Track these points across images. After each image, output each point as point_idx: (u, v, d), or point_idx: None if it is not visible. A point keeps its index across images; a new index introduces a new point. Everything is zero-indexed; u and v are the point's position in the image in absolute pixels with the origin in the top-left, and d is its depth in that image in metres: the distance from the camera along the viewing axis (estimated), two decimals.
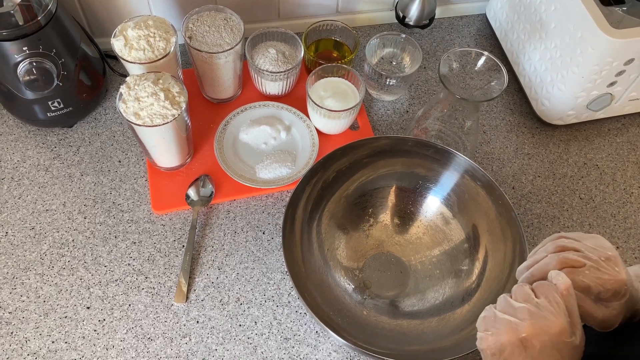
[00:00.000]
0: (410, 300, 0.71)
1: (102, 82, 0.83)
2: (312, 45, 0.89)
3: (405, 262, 0.74)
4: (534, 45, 0.84)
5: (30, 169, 0.79)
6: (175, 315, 0.70)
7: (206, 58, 0.76)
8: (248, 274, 0.73)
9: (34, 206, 0.76)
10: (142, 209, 0.77)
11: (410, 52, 0.87)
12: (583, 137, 0.89)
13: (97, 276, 0.72)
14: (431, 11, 0.92)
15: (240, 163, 0.80)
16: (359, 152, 0.74)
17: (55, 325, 0.68)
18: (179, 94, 0.69)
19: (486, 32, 0.99)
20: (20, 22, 0.68)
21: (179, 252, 0.74)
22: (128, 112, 0.67)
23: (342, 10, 0.94)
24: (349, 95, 0.81)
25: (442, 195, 0.75)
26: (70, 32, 0.75)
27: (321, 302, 0.66)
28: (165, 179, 0.78)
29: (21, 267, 0.71)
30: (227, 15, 0.78)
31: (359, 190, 0.76)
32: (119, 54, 0.72)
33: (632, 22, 0.73)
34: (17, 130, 0.82)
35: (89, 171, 0.79)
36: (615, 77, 0.77)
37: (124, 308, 0.70)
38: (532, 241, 0.78)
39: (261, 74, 0.81)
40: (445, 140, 0.81)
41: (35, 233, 0.74)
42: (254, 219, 0.77)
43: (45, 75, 0.72)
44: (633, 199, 0.84)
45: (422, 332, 0.67)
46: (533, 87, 0.87)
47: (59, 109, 0.77)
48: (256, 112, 0.84)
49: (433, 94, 0.91)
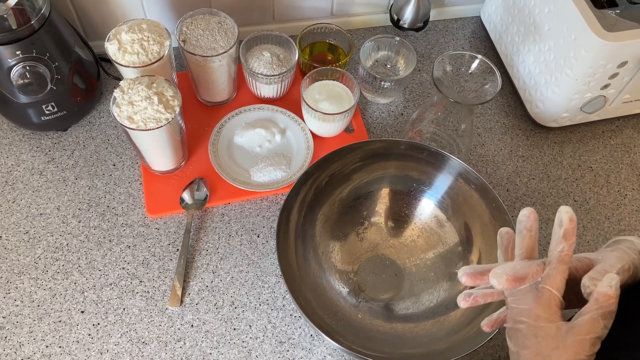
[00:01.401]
0: (405, 303, 0.71)
1: (96, 85, 0.83)
2: (307, 48, 0.89)
3: (400, 265, 0.75)
4: (528, 48, 0.85)
5: (25, 172, 0.79)
6: (169, 319, 0.70)
7: (200, 61, 0.76)
8: (242, 277, 0.73)
9: (28, 210, 0.76)
10: (137, 213, 0.77)
11: (404, 54, 0.87)
12: (577, 139, 0.89)
13: (92, 280, 0.71)
14: (425, 14, 0.92)
15: (235, 166, 0.80)
16: (353, 156, 0.74)
17: (49, 330, 0.68)
18: (172, 98, 0.69)
19: (480, 34, 0.99)
20: (13, 26, 0.68)
21: (174, 255, 0.74)
22: (122, 116, 0.67)
23: (337, 13, 0.94)
24: (344, 98, 0.81)
25: (436, 198, 0.75)
26: (64, 35, 0.75)
27: (316, 306, 0.66)
28: (159, 183, 0.78)
29: (15, 271, 0.71)
30: (221, 18, 0.78)
31: (354, 193, 0.76)
32: (112, 57, 0.72)
33: (625, 25, 0.73)
34: (11, 134, 0.82)
35: (84, 175, 0.79)
36: (608, 79, 0.77)
37: (118, 312, 0.70)
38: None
39: (256, 77, 0.81)
40: (439, 143, 0.81)
41: (30, 237, 0.74)
42: (248, 222, 0.77)
43: (38, 79, 0.71)
44: (627, 201, 0.84)
45: (417, 335, 0.67)
46: (527, 90, 0.87)
47: (53, 112, 0.77)
48: (251, 115, 0.84)
49: (428, 96, 0.91)
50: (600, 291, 0.43)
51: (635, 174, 0.86)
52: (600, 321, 0.42)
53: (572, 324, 0.43)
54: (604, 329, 0.42)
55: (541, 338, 0.44)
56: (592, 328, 0.42)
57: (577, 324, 0.43)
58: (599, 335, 0.42)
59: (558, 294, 0.44)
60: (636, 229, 0.81)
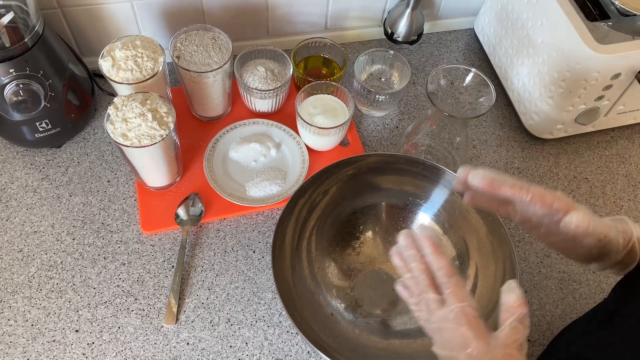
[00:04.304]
0: (402, 318, 0.71)
1: (90, 101, 0.83)
2: (301, 62, 0.89)
3: (397, 279, 0.74)
4: (521, 60, 0.85)
5: (19, 190, 0.78)
6: (165, 337, 0.69)
7: (194, 77, 0.76)
8: (238, 293, 0.73)
9: (22, 228, 0.75)
10: (131, 230, 0.76)
11: (399, 68, 0.87)
12: (572, 151, 0.89)
13: (86, 298, 0.71)
14: (419, 27, 0.92)
15: (230, 181, 0.79)
16: (348, 170, 0.73)
17: (43, 350, 0.67)
18: (167, 114, 0.69)
19: (474, 46, 1.00)
20: (6, 44, 0.68)
21: (169, 272, 0.73)
22: (116, 134, 0.67)
23: (331, 27, 0.95)
24: (339, 112, 0.81)
25: (433, 212, 0.75)
26: (58, 52, 0.75)
27: (312, 322, 0.65)
28: (154, 199, 0.78)
29: (9, 290, 0.71)
30: (215, 34, 0.78)
31: (349, 208, 0.76)
32: (106, 74, 0.71)
33: (617, 37, 0.73)
34: (5, 151, 0.81)
35: (78, 192, 0.79)
36: (602, 91, 0.78)
37: (113, 330, 0.69)
38: (524, 256, 0.78)
39: (250, 92, 0.81)
40: (435, 156, 0.81)
41: (23, 255, 0.73)
42: (244, 237, 0.77)
43: (32, 96, 0.71)
44: (623, 211, 0.84)
45: (415, 351, 0.67)
46: (522, 102, 0.87)
47: (47, 129, 0.77)
48: (246, 130, 0.84)
49: (423, 109, 0.92)
50: (507, 303, 0.48)
51: (631, 184, 0.86)
52: (519, 326, 0.47)
53: (497, 336, 0.47)
54: (525, 329, 0.47)
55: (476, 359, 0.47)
56: (515, 335, 0.47)
57: (501, 336, 0.47)
58: (523, 337, 0.47)
59: (469, 304, 0.48)
60: None
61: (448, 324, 0.48)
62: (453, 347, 0.48)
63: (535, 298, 0.75)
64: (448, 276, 0.49)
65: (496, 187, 0.52)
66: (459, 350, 0.47)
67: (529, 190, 0.51)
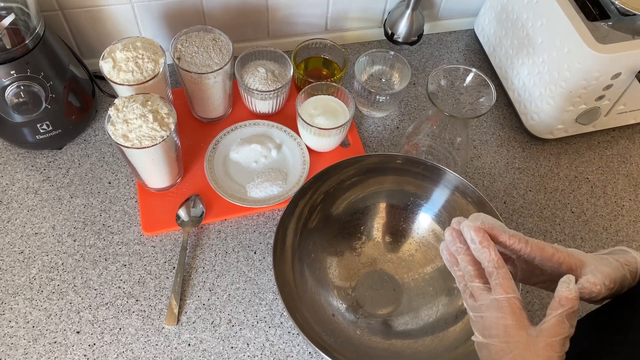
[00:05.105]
0: (404, 318, 0.71)
1: (91, 103, 0.83)
2: (302, 63, 0.89)
3: (398, 280, 0.74)
4: (522, 60, 0.85)
5: (19, 191, 0.78)
6: (166, 338, 0.69)
7: (195, 78, 0.76)
8: (240, 294, 0.73)
9: (23, 230, 0.75)
10: (132, 231, 0.76)
11: (399, 69, 0.87)
12: (573, 151, 0.89)
13: (87, 300, 0.71)
14: (419, 28, 0.92)
15: (231, 182, 0.79)
16: (349, 170, 0.73)
17: (44, 351, 0.67)
18: (167, 115, 0.69)
19: (475, 47, 1.00)
20: (7, 46, 0.68)
21: (170, 273, 0.73)
22: (116, 135, 0.67)
23: (331, 28, 0.95)
24: (339, 112, 0.81)
25: (434, 212, 0.75)
26: (59, 54, 0.75)
27: (313, 323, 0.65)
28: (155, 200, 0.78)
29: (10, 292, 0.71)
30: (216, 35, 0.78)
31: (350, 209, 0.76)
32: (107, 76, 0.72)
33: (617, 36, 0.73)
34: (6, 153, 0.81)
35: (79, 193, 0.79)
36: (602, 91, 0.78)
37: (114, 332, 0.69)
38: None
39: (251, 93, 0.81)
40: (436, 156, 0.81)
41: (24, 257, 0.73)
42: (245, 238, 0.77)
43: (33, 98, 0.71)
44: (624, 211, 0.84)
45: (416, 351, 0.67)
46: (522, 102, 0.87)
47: (48, 131, 0.77)
48: (246, 131, 0.84)
49: (423, 109, 0.92)
50: (561, 294, 0.46)
51: (632, 184, 0.86)
52: (566, 322, 0.45)
53: (540, 328, 0.46)
54: (570, 328, 0.46)
55: (513, 347, 0.46)
56: (559, 330, 0.45)
57: (545, 328, 0.46)
58: (567, 334, 0.45)
59: (515, 296, 0.47)
60: (634, 239, 0.81)
61: (492, 312, 0.48)
62: (493, 335, 0.47)
63: (536, 298, 0.75)
64: (496, 267, 0.48)
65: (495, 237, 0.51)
66: (499, 338, 0.47)
67: (528, 242, 0.50)
